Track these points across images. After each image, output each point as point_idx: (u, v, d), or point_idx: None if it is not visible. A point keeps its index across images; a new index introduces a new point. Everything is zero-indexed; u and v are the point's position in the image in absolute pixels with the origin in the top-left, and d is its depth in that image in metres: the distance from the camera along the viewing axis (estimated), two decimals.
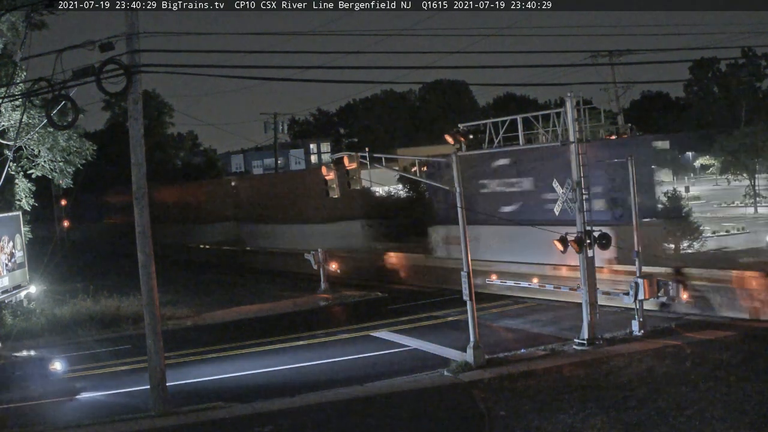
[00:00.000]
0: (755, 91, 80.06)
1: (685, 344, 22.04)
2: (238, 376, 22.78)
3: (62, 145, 32.33)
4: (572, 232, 22.77)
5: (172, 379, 20.55)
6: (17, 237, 34.24)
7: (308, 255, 38.57)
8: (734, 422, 15.32)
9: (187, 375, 23.10)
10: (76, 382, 23.02)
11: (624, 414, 16.40)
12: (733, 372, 18.74)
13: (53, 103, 20.04)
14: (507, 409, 17.45)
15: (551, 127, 24.40)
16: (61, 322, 31.00)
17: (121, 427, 18.34)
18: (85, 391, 22.29)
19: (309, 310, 33.80)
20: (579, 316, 23.69)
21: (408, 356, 23.96)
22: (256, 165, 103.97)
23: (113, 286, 37.53)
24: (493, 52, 44.92)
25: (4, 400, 21.35)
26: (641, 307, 23.92)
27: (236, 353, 25.68)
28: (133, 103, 18.93)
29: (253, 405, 19.36)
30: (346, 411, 18.36)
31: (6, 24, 29.97)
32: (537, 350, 22.98)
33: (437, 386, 20.14)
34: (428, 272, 36.93)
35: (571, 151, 23.34)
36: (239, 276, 47.39)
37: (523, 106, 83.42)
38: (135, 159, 19.14)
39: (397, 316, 30.47)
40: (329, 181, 25.39)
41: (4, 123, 31.15)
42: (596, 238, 23.08)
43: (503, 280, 31.32)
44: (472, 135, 24.55)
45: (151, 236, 19.34)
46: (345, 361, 24.06)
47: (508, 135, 25.06)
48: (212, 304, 35.91)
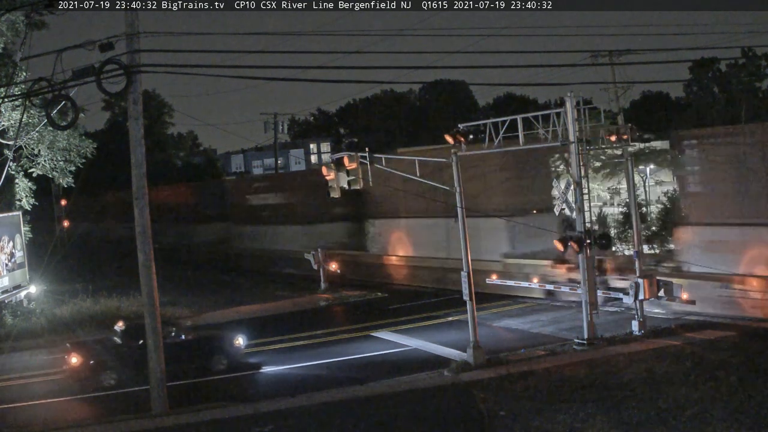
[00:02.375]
0: (755, 91, 79.98)
1: (685, 344, 22.05)
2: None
3: (62, 144, 32.35)
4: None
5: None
6: (17, 237, 34.27)
7: (308, 255, 38.61)
8: (734, 422, 15.31)
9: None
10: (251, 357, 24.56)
11: (624, 414, 16.39)
12: (733, 372, 18.73)
13: (53, 103, 20.07)
14: (507, 409, 17.45)
15: (551, 127, 24.36)
16: (61, 322, 30.98)
17: (121, 427, 18.35)
18: (265, 366, 23.79)
19: (309, 310, 33.81)
20: (579, 316, 23.71)
21: (408, 356, 23.98)
22: (256, 165, 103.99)
23: (113, 286, 37.55)
24: (493, 52, 44.98)
25: (203, 373, 22.92)
26: (641, 307, 23.93)
27: None
28: (133, 103, 18.93)
29: (253, 405, 19.37)
30: (347, 411, 18.36)
31: (6, 24, 29.97)
32: (537, 350, 23.00)
33: (437, 386, 20.14)
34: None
35: (571, 151, 23.35)
36: (239, 276, 47.40)
37: (523, 106, 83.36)
38: (135, 159, 19.14)
39: (396, 316, 30.53)
40: (329, 181, 25.38)
41: (4, 123, 31.17)
42: (596, 238, 23.09)
43: (503, 280, 31.41)
44: (471, 135, 24.52)
45: (150, 236, 19.35)
46: (345, 361, 24.09)
47: (508, 135, 25.04)
48: (212, 304, 35.91)
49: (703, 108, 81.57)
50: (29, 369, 25.16)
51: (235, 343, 24.11)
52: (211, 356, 23.51)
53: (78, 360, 22.11)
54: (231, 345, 24.05)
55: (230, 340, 24.19)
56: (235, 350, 24.05)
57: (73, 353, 22.34)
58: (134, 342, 22.60)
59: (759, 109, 74.07)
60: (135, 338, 22.64)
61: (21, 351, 28.01)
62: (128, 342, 22.88)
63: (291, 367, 23.77)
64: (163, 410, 19.04)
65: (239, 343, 24.21)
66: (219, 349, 23.79)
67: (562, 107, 23.70)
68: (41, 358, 26.73)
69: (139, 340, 22.09)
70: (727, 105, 79.05)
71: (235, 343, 24.14)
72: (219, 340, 24.37)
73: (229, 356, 23.75)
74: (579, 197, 23.04)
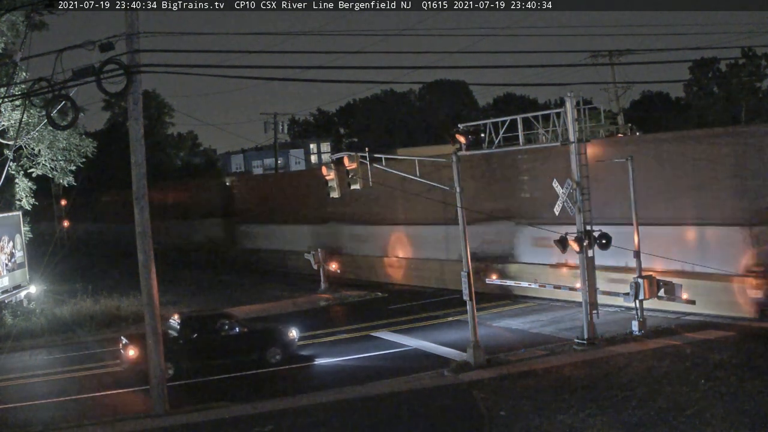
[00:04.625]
0: (755, 91, 79.97)
1: (685, 344, 22.05)
2: (238, 376, 22.82)
3: (62, 144, 32.36)
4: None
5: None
6: (17, 237, 34.29)
7: (308, 255, 38.61)
8: (734, 422, 15.32)
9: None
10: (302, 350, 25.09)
11: (624, 414, 16.40)
12: (733, 372, 18.74)
13: (53, 103, 20.05)
14: (507, 409, 17.45)
15: (551, 127, 24.38)
16: (61, 322, 31.01)
17: (121, 427, 18.34)
18: (318, 358, 24.35)
19: (309, 310, 33.81)
20: (578, 316, 23.71)
21: (408, 356, 24.00)
22: (256, 165, 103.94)
23: (113, 285, 37.55)
24: (493, 52, 44.86)
25: (259, 365, 23.43)
26: (641, 307, 23.93)
27: None
28: (133, 103, 18.94)
29: (253, 405, 19.37)
30: (347, 411, 18.36)
31: (6, 24, 29.99)
32: (537, 350, 22.99)
33: (437, 386, 20.14)
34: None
35: (571, 151, 23.35)
36: (238, 276, 47.39)
37: (523, 106, 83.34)
38: (135, 159, 19.15)
39: (397, 316, 30.55)
40: (329, 181, 25.40)
41: (4, 123, 31.18)
42: (596, 237, 23.09)
43: (503, 280, 31.44)
44: (472, 135, 24.52)
45: (151, 236, 19.36)
46: (345, 361, 24.12)
47: (508, 135, 25.06)
48: (212, 304, 35.90)
49: (703, 108, 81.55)
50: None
51: (289, 336, 24.49)
52: (267, 348, 23.95)
53: (135, 353, 22.47)
54: (286, 337, 24.43)
55: (285, 332, 24.59)
56: (290, 342, 24.42)
57: (131, 346, 22.79)
58: (190, 334, 23.40)
59: (759, 109, 74.07)
60: (191, 330, 23.51)
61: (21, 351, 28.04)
62: (184, 334, 23.42)
63: (342, 359, 24.21)
64: (163, 410, 19.04)
65: (293, 336, 24.58)
66: (275, 342, 24.22)
67: (562, 107, 23.71)
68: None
69: (195, 333, 23.38)
70: (727, 105, 79.05)
71: (290, 335, 24.51)
72: (274, 332, 24.75)
73: (284, 348, 24.15)
74: (579, 197, 23.04)
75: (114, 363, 24.60)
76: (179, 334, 23.47)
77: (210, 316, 25.04)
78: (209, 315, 25.56)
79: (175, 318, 24.50)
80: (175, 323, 24.08)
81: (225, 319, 24.26)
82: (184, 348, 23.05)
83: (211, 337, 23.69)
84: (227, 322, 24.09)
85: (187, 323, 23.86)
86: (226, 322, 24.08)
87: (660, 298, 24.25)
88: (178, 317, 24.43)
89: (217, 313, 26.11)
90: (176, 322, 24.05)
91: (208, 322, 24.30)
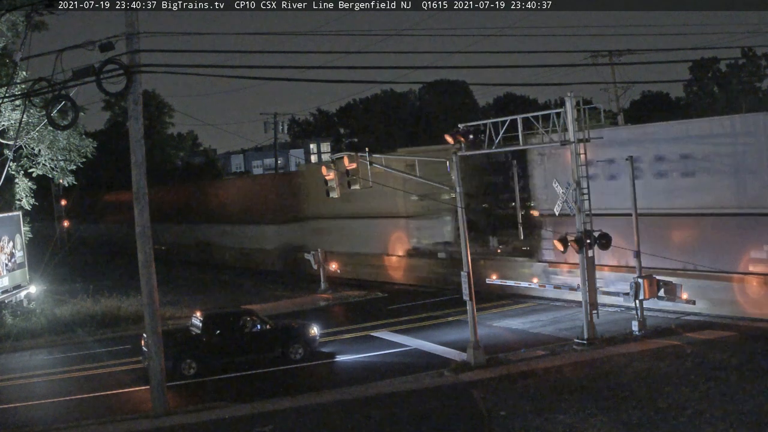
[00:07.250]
0: (755, 91, 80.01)
1: (685, 344, 22.04)
2: (238, 376, 22.83)
3: (62, 144, 32.35)
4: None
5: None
6: (17, 237, 34.28)
7: (308, 255, 38.60)
8: (734, 422, 15.31)
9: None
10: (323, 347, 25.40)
11: (624, 414, 16.40)
12: (733, 372, 18.74)
13: (53, 103, 20.06)
14: (507, 409, 17.45)
15: (551, 127, 24.37)
16: (61, 322, 31.02)
17: (121, 427, 18.34)
18: (339, 355, 24.63)
19: (309, 310, 33.80)
20: (578, 316, 23.70)
21: (408, 356, 24.01)
22: (256, 165, 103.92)
23: (113, 286, 37.56)
24: (493, 52, 44.90)
25: (282, 362, 23.70)
26: (641, 307, 23.92)
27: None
28: (133, 103, 18.93)
29: (253, 404, 19.37)
30: (347, 411, 18.35)
31: (6, 24, 29.99)
32: (537, 350, 22.99)
33: (437, 386, 20.13)
34: None
35: (571, 150, 23.35)
36: (238, 275, 47.42)
37: (523, 106, 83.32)
38: (135, 159, 19.14)
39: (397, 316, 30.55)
40: (329, 180, 25.38)
41: (4, 123, 31.17)
42: (596, 237, 23.08)
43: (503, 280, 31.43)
44: (472, 135, 24.53)
45: (151, 236, 19.35)
46: (345, 361, 24.12)
47: (508, 135, 25.05)
48: (212, 305, 35.90)
49: (703, 108, 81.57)
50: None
51: (311, 333, 24.59)
52: (290, 345, 24.03)
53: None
54: (308, 334, 24.52)
55: (307, 329, 24.68)
56: (311, 339, 24.53)
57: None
58: (213, 331, 23.53)
59: (759, 109, 74.04)
60: (214, 327, 23.62)
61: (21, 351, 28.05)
62: (207, 331, 23.52)
63: (363, 356, 24.33)
64: (163, 410, 19.03)
65: (314, 333, 24.70)
66: (297, 339, 24.29)
67: (562, 107, 23.72)
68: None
69: (217, 330, 23.52)
70: (727, 105, 79.07)
71: (311, 332, 24.62)
72: (297, 329, 24.80)
73: (306, 345, 24.25)
74: (579, 197, 23.04)
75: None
76: (202, 332, 23.52)
77: (233, 313, 25.15)
78: (232, 312, 25.67)
79: (197, 315, 24.57)
80: (197, 321, 24.13)
81: (248, 316, 24.31)
82: (207, 345, 23.20)
83: (234, 334, 23.77)
84: (250, 319, 24.16)
85: (210, 320, 23.93)
86: (249, 319, 24.15)
87: (660, 298, 24.25)
88: (200, 314, 24.48)
89: (239, 310, 26.22)
90: (199, 319, 24.09)
91: (232, 319, 24.37)
